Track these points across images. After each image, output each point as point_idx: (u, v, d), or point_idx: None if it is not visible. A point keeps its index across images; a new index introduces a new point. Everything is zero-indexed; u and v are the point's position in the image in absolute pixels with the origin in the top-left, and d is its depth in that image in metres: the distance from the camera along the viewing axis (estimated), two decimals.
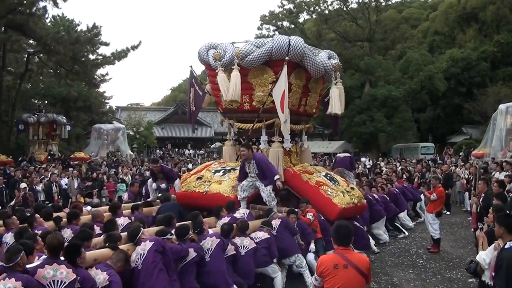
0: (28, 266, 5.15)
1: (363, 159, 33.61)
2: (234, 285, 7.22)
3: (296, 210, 9.71)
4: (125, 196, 11.77)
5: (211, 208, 9.15)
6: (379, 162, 30.17)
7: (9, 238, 6.99)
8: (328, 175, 11.33)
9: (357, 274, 4.52)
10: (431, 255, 11.33)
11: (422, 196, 15.99)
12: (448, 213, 17.05)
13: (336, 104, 11.78)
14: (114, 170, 22.67)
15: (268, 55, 10.66)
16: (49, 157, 28.52)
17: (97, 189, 16.91)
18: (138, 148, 44.78)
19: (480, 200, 9.76)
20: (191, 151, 49.60)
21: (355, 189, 11.42)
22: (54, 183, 15.80)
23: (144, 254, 6.21)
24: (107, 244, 6.43)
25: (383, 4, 48.49)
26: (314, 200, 10.35)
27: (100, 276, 5.56)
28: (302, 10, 48.57)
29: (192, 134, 51.07)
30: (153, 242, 6.27)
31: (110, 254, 6.09)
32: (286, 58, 10.39)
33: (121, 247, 6.45)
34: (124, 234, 7.11)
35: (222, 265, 7.15)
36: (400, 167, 22.87)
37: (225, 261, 7.28)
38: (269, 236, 8.32)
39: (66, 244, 5.70)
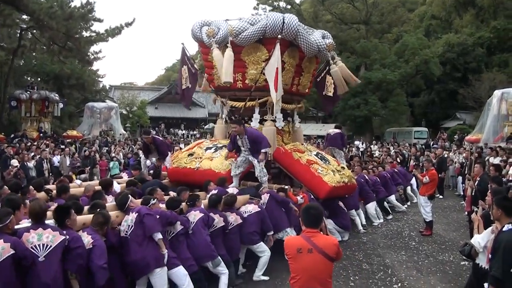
0: (16, 227, 5.26)
1: (356, 142, 33.63)
2: (219, 257, 7.23)
3: (286, 187, 9.72)
4: (125, 176, 11.65)
5: (202, 185, 9.09)
6: (371, 146, 30.19)
7: None
8: (319, 154, 11.39)
9: (323, 258, 4.37)
10: (424, 238, 11.37)
11: (413, 180, 16.08)
12: (441, 197, 17.13)
13: (343, 84, 12.12)
14: (107, 148, 22.53)
15: (262, 33, 10.63)
16: (41, 134, 28.38)
17: (89, 167, 16.82)
18: (131, 128, 44.62)
19: (476, 183, 9.75)
20: (184, 132, 49.47)
21: (345, 169, 11.51)
22: (45, 160, 15.73)
23: (132, 226, 6.24)
24: (97, 210, 6.38)
25: None
26: (304, 179, 10.43)
27: (85, 239, 5.59)
28: None
29: (186, 115, 51.14)
30: (137, 214, 6.28)
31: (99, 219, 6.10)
32: (279, 36, 10.32)
33: (113, 213, 6.50)
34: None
35: (205, 236, 7.17)
36: (394, 151, 22.87)
37: (208, 234, 7.25)
38: (259, 209, 8.30)
39: (56, 207, 5.83)
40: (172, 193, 8.64)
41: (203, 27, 11.38)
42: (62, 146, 20.25)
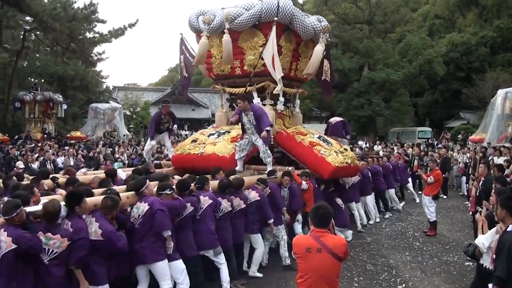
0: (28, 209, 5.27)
1: (360, 142, 33.55)
2: (220, 247, 7.26)
3: (290, 168, 9.79)
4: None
5: (207, 170, 9.07)
6: (375, 145, 30.09)
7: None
8: (321, 137, 11.46)
9: (332, 258, 4.32)
10: (428, 238, 11.33)
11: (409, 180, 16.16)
12: (445, 197, 17.08)
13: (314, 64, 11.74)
14: (111, 149, 22.54)
15: (257, 17, 10.79)
16: (44, 135, 28.43)
17: (93, 168, 16.83)
18: (135, 129, 44.60)
19: (480, 184, 9.71)
20: (187, 132, 49.43)
21: (348, 150, 11.55)
22: (49, 161, 15.74)
23: (141, 216, 6.22)
24: (109, 192, 6.34)
25: None
26: (308, 160, 10.50)
27: (92, 226, 5.57)
28: None
29: (189, 115, 51.11)
30: (149, 207, 6.21)
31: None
32: (275, 18, 10.43)
33: (124, 194, 6.48)
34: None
35: (211, 225, 7.19)
36: (397, 151, 22.78)
37: (213, 223, 7.26)
38: (259, 198, 8.26)
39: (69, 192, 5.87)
40: (177, 177, 8.64)
41: (199, 17, 11.57)
42: (66, 147, 20.26)
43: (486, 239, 5.61)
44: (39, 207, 5.44)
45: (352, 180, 11.83)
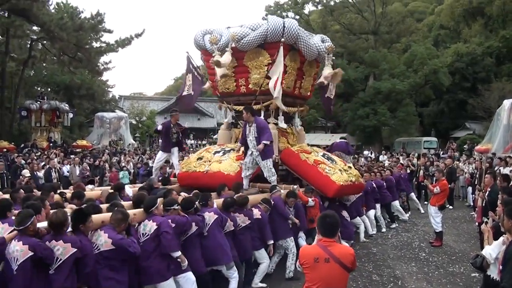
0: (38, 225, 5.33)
1: (365, 152, 33.52)
2: (232, 261, 7.28)
3: (295, 186, 9.84)
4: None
5: (212, 188, 9.11)
6: (380, 155, 30.04)
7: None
8: (326, 155, 11.50)
9: (340, 268, 4.30)
10: (434, 249, 11.28)
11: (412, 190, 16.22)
12: (451, 207, 17.02)
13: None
14: (116, 158, 22.61)
15: (263, 37, 10.91)
16: (50, 144, 28.54)
17: (98, 177, 16.88)
18: (141, 138, 44.75)
19: (486, 194, 9.68)
20: (193, 141, 49.54)
21: (352, 168, 11.53)
22: (53, 169, 15.80)
23: (148, 235, 6.23)
24: (115, 208, 6.38)
25: None
26: (313, 178, 10.51)
27: (101, 238, 5.59)
28: (307, 1, 48.15)
29: (195, 125, 51.21)
30: (157, 227, 6.23)
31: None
32: (282, 39, 10.58)
33: (132, 211, 6.50)
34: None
35: (221, 239, 7.20)
36: (402, 161, 22.72)
37: (223, 237, 7.28)
38: (260, 217, 8.29)
39: (75, 210, 5.87)
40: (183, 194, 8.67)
41: (205, 35, 11.74)
42: (72, 156, 20.34)
43: (493, 250, 5.58)
44: (46, 223, 5.49)
45: (353, 197, 11.81)
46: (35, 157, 18.99)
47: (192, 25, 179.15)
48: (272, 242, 8.46)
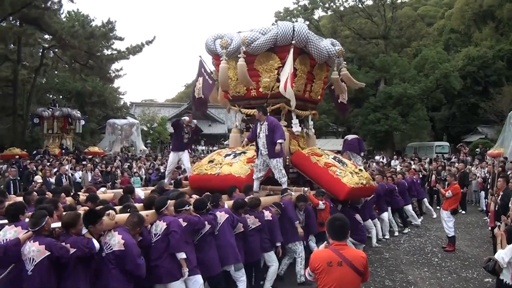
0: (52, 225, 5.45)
1: (377, 157, 33.34)
2: (241, 262, 7.33)
3: (306, 189, 9.86)
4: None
5: (223, 190, 9.14)
6: (392, 160, 29.85)
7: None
8: (336, 158, 11.57)
9: (352, 272, 4.30)
10: (447, 254, 11.22)
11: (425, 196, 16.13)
12: (463, 212, 16.92)
13: (355, 81, 12.75)
14: (128, 164, 22.71)
15: (273, 41, 11.00)
16: (62, 151, 28.73)
17: (110, 183, 16.97)
18: (152, 144, 44.88)
19: (499, 198, 9.62)
20: (204, 147, 49.60)
21: (363, 171, 11.61)
22: (64, 175, 15.91)
23: (159, 235, 6.30)
24: (128, 210, 6.55)
25: (399, 1, 48.05)
26: (323, 181, 10.56)
27: (115, 238, 5.67)
28: (317, 6, 48.19)
29: (206, 131, 51.20)
30: (167, 226, 6.31)
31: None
32: (293, 42, 10.65)
33: (144, 213, 6.57)
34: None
35: (231, 238, 7.26)
36: (414, 166, 22.58)
37: (233, 236, 7.35)
38: (271, 219, 8.33)
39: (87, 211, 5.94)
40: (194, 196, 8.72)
41: (216, 40, 11.88)
42: (84, 162, 20.47)
43: (505, 254, 5.55)
44: (59, 224, 5.57)
45: (363, 199, 11.80)
46: (48, 164, 19.12)
47: (202, 33, 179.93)
48: (280, 243, 8.47)
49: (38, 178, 14.79)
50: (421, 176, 18.31)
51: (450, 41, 52.38)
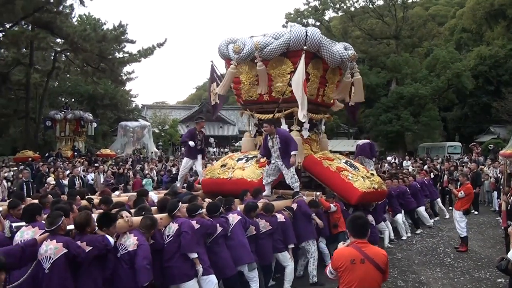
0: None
1: (389, 158, 33.22)
2: (254, 262, 7.34)
3: (318, 193, 9.90)
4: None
5: (235, 194, 9.19)
6: (404, 161, 29.71)
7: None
8: (348, 162, 11.59)
9: (374, 269, 4.36)
10: (459, 254, 11.16)
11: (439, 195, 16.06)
12: (476, 212, 16.80)
13: (361, 92, 12.48)
14: (140, 165, 22.83)
15: (286, 46, 10.98)
16: (75, 153, 28.94)
17: (122, 184, 17.05)
18: (164, 146, 45.03)
19: (511, 198, 9.56)
20: (215, 149, 49.69)
21: (375, 175, 11.61)
22: (77, 177, 16.04)
23: (171, 236, 6.39)
24: (143, 212, 6.61)
25: (410, 1, 47.84)
26: (335, 185, 10.59)
27: (130, 239, 5.79)
28: (327, 7, 48.12)
29: (217, 132, 51.36)
30: (178, 227, 6.40)
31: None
32: (304, 47, 10.62)
33: (158, 216, 6.66)
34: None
35: (243, 238, 7.31)
36: (427, 166, 22.49)
37: (245, 237, 7.39)
38: (284, 220, 8.37)
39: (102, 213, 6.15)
40: (207, 200, 8.78)
41: (229, 45, 11.84)
42: (96, 164, 20.61)
43: None
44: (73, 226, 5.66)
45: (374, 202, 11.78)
46: (61, 165, 19.30)
47: (213, 35, 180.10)
48: (293, 246, 8.49)
49: (51, 180, 14.93)
50: (432, 176, 18.23)
51: (462, 41, 52.12)
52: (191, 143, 11.48)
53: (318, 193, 9.91)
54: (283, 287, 8.28)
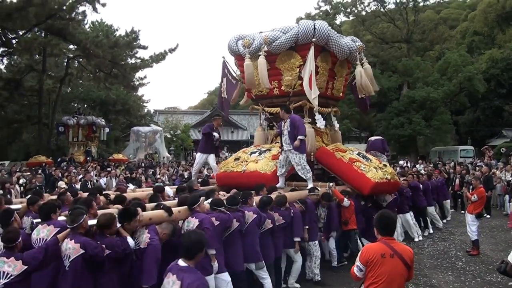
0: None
1: (401, 162, 33.12)
2: (263, 261, 7.42)
3: (332, 184, 10.09)
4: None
5: (249, 187, 9.25)
6: (417, 164, 29.62)
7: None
8: (361, 154, 11.66)
9: (402, 264, 4.52)
10: (471, 258, 11.13)
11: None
12: (488, 216, 16.70)
13: (373, 82, 12.62)
14: (152, 170, 22.96)
15: (294, 40, 11.15)
16: (87, 158, 29.15)
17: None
18: (175, 151, 45.17)
19: None
20: (227, 154, 49.70)
21: (387, 166, 11.70)
22: (89, 182, 16.17)
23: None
24: (161, 206, 6.69)
25: (421, 4, 47.73)
26: (348, 176, 10.71)
27: (143, 236, 5.84)
28: (338, 11, 48.15)
29: (228, 137, 51.41)
30: (199, 223, 6.47)
31: (164, 215, 6.39)
32: (313, 39, 10.78)
33: (176, 209, 6.77)
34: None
35: (255, 239, 7.39)
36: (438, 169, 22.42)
37: (259, 236, 7.48)
38: (293, 215, 8.45)
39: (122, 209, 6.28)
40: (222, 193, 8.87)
41: (238, 41, 12.07)
42: (108, 169, 20.76)
43: None
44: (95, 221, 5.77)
45: (390, 198, 11.76)
46: (73, 170, 19.48)
47: (223, 40, 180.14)
48: (299, 239, 8.54)
49: (62, 184, 15.05)
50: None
51: (474, 44, 51.84)
52: (215, 134, 11.75)
53: (331, 184, 10.01)
54: (288, 282, 8.45)
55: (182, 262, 4.44)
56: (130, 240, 5.65)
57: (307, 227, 8.92)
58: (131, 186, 10.66)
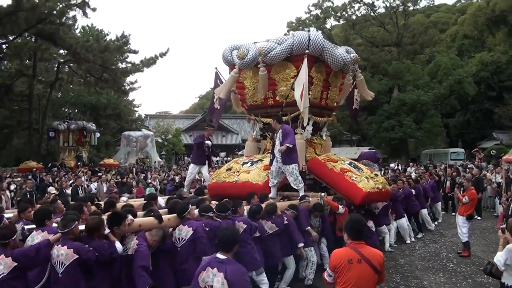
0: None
1: (392, 165, 33.20)
2: (262, 267, 7.42)
3: (323, 194, 10.04)
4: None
5: (241, 197, 9.24)
6: (408, 167, 29.68)
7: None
8: (352, 163, 11.64)
9: (370, 269, 4.45)
10: (462, 259, 11.16)
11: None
12: (479, 218, 16.78)
13: (366, 91, 12.77)
14: (143, 175, 22.90)
15: (289, 51, 11.09)
16: (79, 163, 29.03)
17: (125, 193, 17.10)
18: (167, 155, 45.08)
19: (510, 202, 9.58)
20: (218, 158, 49.65)
21: (379, 176, 11.68)
22: (80, 187, 16.10)
23: (185, 240, 6.50)
24: (151, 214, 6.67)
25: (411, 8, 48.03)
26: (340, 186, 10.65)
27: (132, 242, 5.87)
28: (329, 15, 48.36)
29: (220, 141, 51.37)
30: (194, 231, 6.49)
31: (154, 222, 6.36)
32: (306, 51, 10.75)
33: (166, 217, 6.75)
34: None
35: (249, 248, 7.32)
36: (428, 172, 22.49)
37: (252, 246, 7.42)
38: (287, 222, 8.44)
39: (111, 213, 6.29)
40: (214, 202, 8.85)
41: (233, 51, 11.94)
42: (99, 174, 20.68)
43: (501, 256, 5.57)
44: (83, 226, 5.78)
45: (381, 205, 11.81)
46: (64, 174, 19.38)
47: (215, 44, 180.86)
48: (302, 244, 8.54)
49: (52, 189, 14.98)
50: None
51: (463, 47, 52.18)
52: (208, 142, 11.80)
53: (322, 194, 9.99)
54: (279, 286, 8.41)
55: (221, 255, 4.54)
56: (118, 245, 5.65)
57: (308, 228, 8.97)
58: (123, 198, 10.61)
